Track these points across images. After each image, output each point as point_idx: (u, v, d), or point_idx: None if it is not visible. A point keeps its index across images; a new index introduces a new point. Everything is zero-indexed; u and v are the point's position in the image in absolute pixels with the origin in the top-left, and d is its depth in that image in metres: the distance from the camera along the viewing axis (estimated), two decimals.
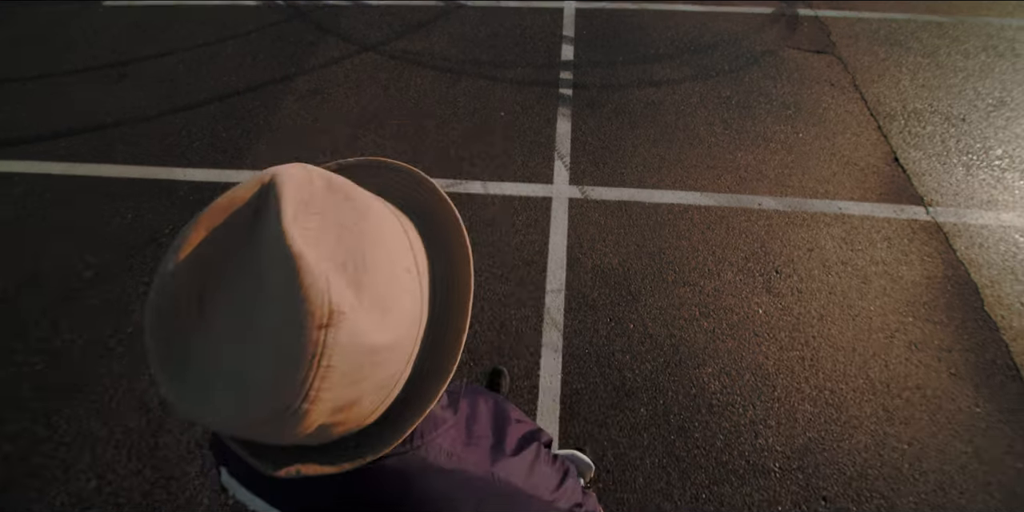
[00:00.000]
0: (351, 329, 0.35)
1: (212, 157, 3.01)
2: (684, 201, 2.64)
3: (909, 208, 2.61)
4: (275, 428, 0.36)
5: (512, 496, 0.51)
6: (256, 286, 0.34)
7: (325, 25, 4.02)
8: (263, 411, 0.34)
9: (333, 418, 0.38)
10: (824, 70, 3.43)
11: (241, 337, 0.34)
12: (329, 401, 0.36)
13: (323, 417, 0.37)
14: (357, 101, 3.32)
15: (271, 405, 0.34)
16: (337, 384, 0.35)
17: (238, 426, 0.35)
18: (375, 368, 0.38)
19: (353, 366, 0.36)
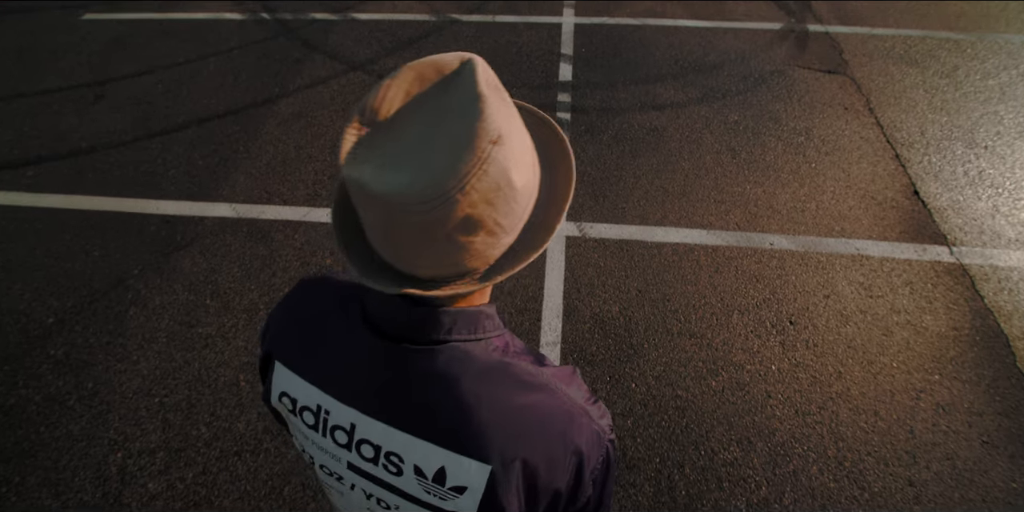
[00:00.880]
0: (505, 155, 0.43)
1: (186, 188, 2.84)
2: (689, 240, 2.46)
3: (932, 248, 2.43)
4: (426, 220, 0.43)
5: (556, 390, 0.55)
6: (445, 111, 0.43)
7: (312, 42, 3.84)
8: (425, 192, 0.41)
9: (465, 233, 0.45)
10: (837, 92, 3.25)
11: (426, 141, 0.43)
12: (471, 206, 0.43)
13: (459, 222, 0.44)
14: (342, 126, 3.13)
15: (433, 186, 0.41)
16: (482, 192, 0.43)
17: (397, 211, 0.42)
18: (506, 201, 0.46)
19: (495, 186, 0.43)
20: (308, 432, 0.60)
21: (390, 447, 0.55)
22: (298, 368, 0.59)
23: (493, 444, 0.51)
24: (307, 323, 0.60)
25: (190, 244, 2.57)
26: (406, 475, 0.55)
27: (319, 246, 2.51)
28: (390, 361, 0.54)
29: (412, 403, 0.53)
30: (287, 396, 0.60)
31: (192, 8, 4.33)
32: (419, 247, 0.46)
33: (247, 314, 2.28)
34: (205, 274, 2.44)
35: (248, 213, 2.68)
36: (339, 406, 0.56)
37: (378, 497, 0.60)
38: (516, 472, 0.51)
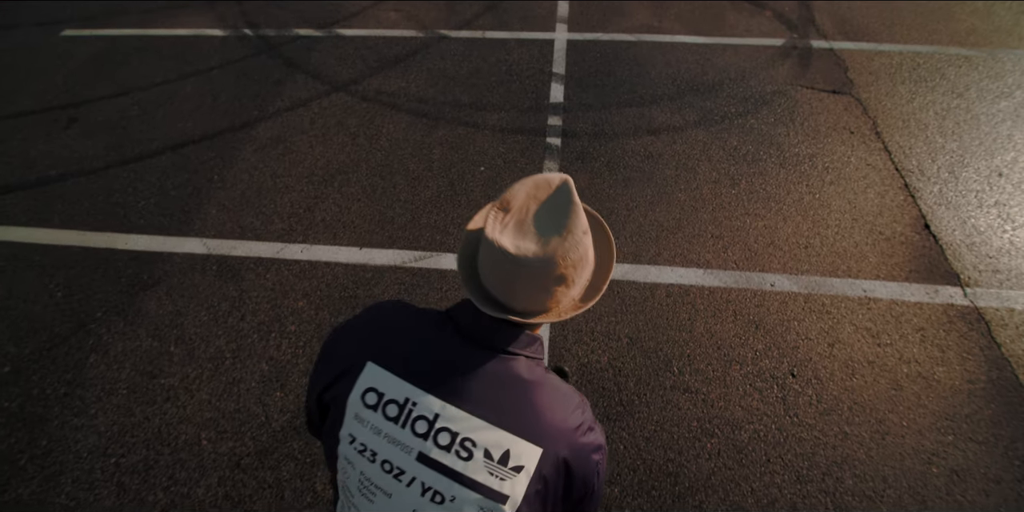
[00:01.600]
0: (587, 241, 0.73)
1: (157, 221, 2.70)
2: (685, 280, 2.31)
3: (944, 289, 2.27)
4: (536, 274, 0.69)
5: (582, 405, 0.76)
6: (554, 208, 0.71)
7: (294, 60, 3.70)
8: (542, 257, 0.68)
9: (556, 285, 0.72)
10: (842, 114, 3.09)
11: (543, 226, 0.70)
12: (564, 268, 0.70)
13: (555, 277, 0.70)
14: (323, 152, 3.00)
15: (548, 254, 0.68)
16: (572, 261, 0.71)
17: (521, 266, 0.68)
18: (583, 267, 0.74)
19: (579, 258, 0.72)
20: (385, 425, 0.71)
21: (466, 433, 0.69)
22: (391, 366, 0.73)
23: (545, 434, 0.69)
24: (400, 332, 0.76)
25: (157, 283, 2.43)
26: (475, 458, 0.68)
27: (291, 287, 2.37)
28: (477, 362, 0.72)
29: (489, 396, 0.70)
30: (374, 391, 0.72)
31: (173, 23, 4.20)
32: (525, 291, 0.71)
33: (212, 363, 2.14)
34: (171, 317, 2.30)
35: (219, 249, 2.55)
36: (426, 397, 0.70)
37: (436, 489, 0.69)
38: (556, 457, 0.69)
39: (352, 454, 0.74)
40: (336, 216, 2.65)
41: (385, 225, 2.60)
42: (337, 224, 2.61)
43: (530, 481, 0.68)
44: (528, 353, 0.76)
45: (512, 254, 0.68)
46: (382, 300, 0.88)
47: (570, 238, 0.70)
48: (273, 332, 2.23)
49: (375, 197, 2.73)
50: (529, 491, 0.69)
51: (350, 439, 0.74)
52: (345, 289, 2.35)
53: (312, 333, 2.21)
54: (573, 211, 0.70)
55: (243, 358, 2.15)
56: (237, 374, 2.11)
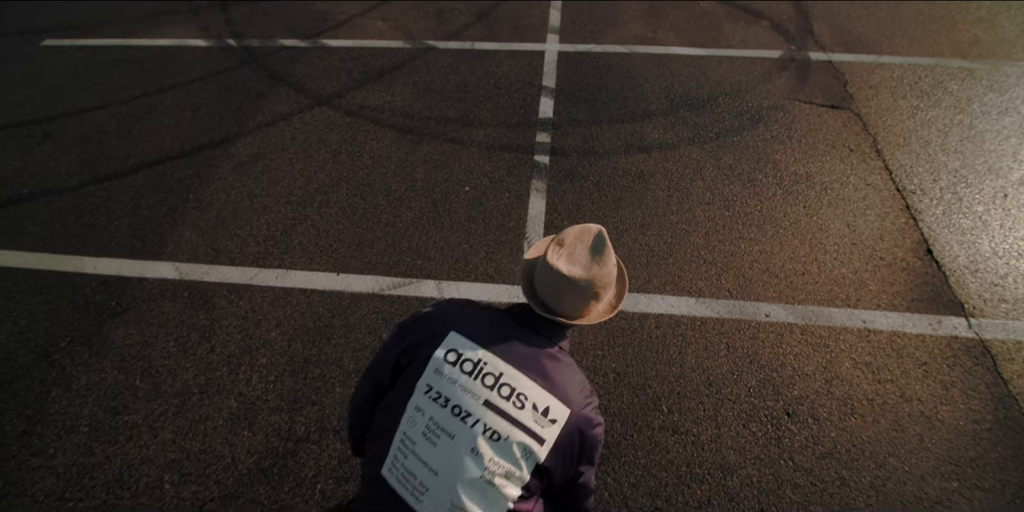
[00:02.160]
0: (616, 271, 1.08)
1: (128, 244, 2.60)
2: (676, 310, 2.21)
3: (947, 320, 2.16)
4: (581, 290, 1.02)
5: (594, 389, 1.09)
6: (596, 246, 1.03)
7: (278, 72, 3.60)
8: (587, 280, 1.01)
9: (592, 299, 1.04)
10: (840, 130, 2.98)
11: (590, 257, 1.02)
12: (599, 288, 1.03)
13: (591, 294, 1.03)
14: (302, 170, 2.89)
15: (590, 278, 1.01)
16: (606, 284, 1.04)
17: (570, 284, 1.01)
18: (610, 289, 1.07)
19: (610, 282, 1.05)
20: (460, 377, 0.97)
21: (521, 390, 0.96)
22: (471, 336, 1.01)
23: (571, 400, 0.99)
24: (475, 314, 1.08)
25: (126, 311, 2.33)
26: (526, 408, 0.95)
27: (264, 316, 2.26)
28: (531, 342, 1.04)
29: (537, 366, 1.00)
30: (454, 351, 1.00)
31: (156, 33, 4.10)
32: (570, 301, 1.04)
33: (179, 399, 2.04)
34: (138, 348, 2.20)
35: (191, 274, 2.45)
36: (495, 359, 0.99)
37: (495, 429, 0.94)
38: (576, 420, 0.98)
39: (426, 402, 0.98)
40: (314, 239, 2.54)
41: (364, 249, 2.49)
42: (314, 248, 2.51)
43: (559, 433, 0.96)
44: (563, 345, 1.10)
45: (566, 275, 1.01)
46: (454, 298, 1.20)
47: (605, 268, 1.04)
48: (243, 365, 2.12)
49: (355, 219, 2.63)
50: (558, 441, 0.97)
51: (426, 389, 0.99)
52: (320, 318, 2.24)
53: (284, 366, 2.10)
54: (607, 250, 1.05)
55: (211, 393, 2.05)
56: (204, 411, 2.01)
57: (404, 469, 0.98)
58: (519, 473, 0.94)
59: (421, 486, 0.96)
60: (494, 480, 0.93)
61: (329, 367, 2.09)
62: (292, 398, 2.02)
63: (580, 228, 1.06)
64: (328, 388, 2.03)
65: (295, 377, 2.07)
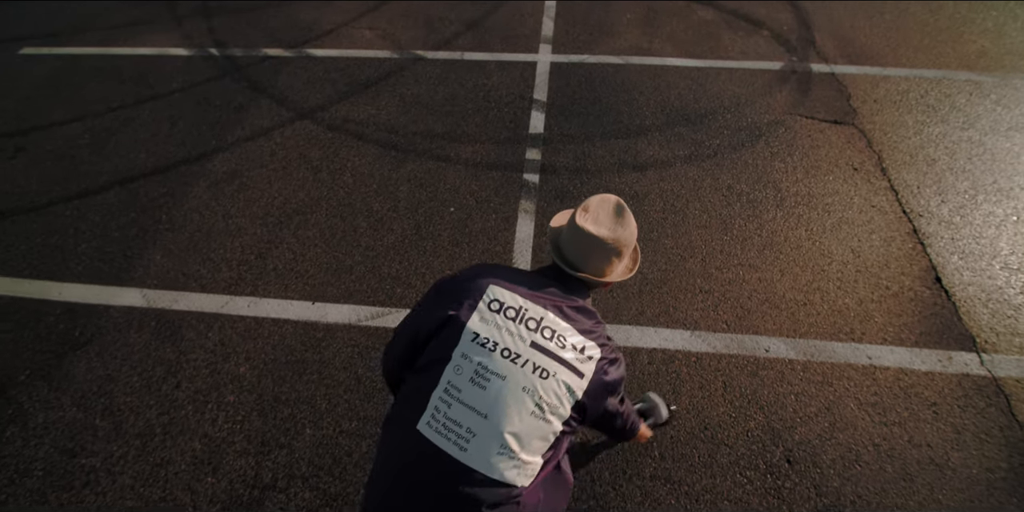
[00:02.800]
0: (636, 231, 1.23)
1: (96, 268, 2.47)
2: (670, 344, 2.08)
3: (958, 356, 2.04)
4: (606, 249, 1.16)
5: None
6: (617, 213, 1.19)
7: (260, 83, 3.47)
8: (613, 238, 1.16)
9: (616, 256, 1.19)
10: (844, 148, 2.86)
11: (614, 220, 1.18)
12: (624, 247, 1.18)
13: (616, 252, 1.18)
14: (281, 189, 2.77)
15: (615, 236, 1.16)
16: (628, 242, 1.19)
17: (597, 243, 1.15)
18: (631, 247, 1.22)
19: (632, 240, 1.21)
20: (505, 322, 1.07)
21: (560, 332, 1.08)
22: (510, 288, 1.12)
23: (602, 342, 1.12)
24: (508, 271, 1.20)
25: (89, 342, 2.20)
26: (567, 347, 1.07)
27: (234, 349, 2.13)
28: (563, 294, 1.16)
29: (570, 313, 1.12)
30: (497, 301, 1.09)
31: (138, 42, 3.97)
32: (596, 260, 1.17)
33: (140, 440, 1.91)
34: (100, 383, 2.07)
35: (160, 301, 2.32)
36: (535, 306, 1.10)
37: (543, 367, 1.04)
38: (606, 357, 1.11)
39: (473, 349, 1.03)
40: (289, 264, 2.42)
41: (342, 275, 2.36)
42: (290, 274, 2.38)
43: (595, 369, 1.08)
44: (586, 300, 1.20)
45: (595, 235, 1.14)
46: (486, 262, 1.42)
47: (628, 228, 1.18)
48: (210, 403, 2.00)
49: (333, 242, 2.50)
50: (594, 377, 1.07)
51: (473, 336, 1.04)
52: (292, 352, 2.12)
53: (252, 405, 1.98)
54: (627, 214, 1.19)
55: (174, 434, 1.92)
56: (166, 454, 1.88)
57: (447, 419, 1.00)
58: (562, 409, 1.03)
59: (468, 433, 0.98)
60: (543, 415, 1.01)
61: (300, 407, 1.96)
62: (260, 441, 1.89)
63: (601, 197, 1.20)
64: (298, 430, 1.91)
65: (264, 417, 1.95)
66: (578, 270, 1.18)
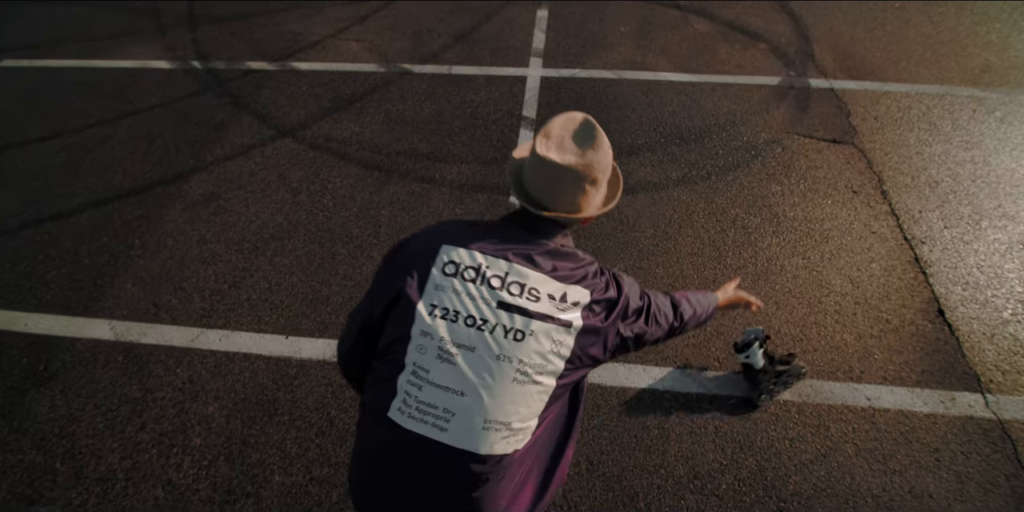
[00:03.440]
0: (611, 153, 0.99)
1: (64, 297, 2.38)
2: (659, 384, 1.98)
3: (962, 396, 1.94)
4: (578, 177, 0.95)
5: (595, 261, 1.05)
6: (585, 132, 0.97)
7: (241, 99, 3.38)
8: (584, 163, 0.93)
9: (590, 185, 0.97)
10: (843, 169, 2.76)
11: (580, 145, 0.95)
12: (598, 172, 0.97)
13: (591, 179, 0.96)
14: (258, 212, 2.67)
15: (586, 160, 0.93)
16: (603, 165, 0.97)
17: (566, 172, 0.94)
18: (607, 172, 1.00)
19: (607, 164, 0.98)
20: (465, 286, 0.92)
21: (532, 284, 0.93)
22: (463, 244, 0.96)
23: (590, 281, 0.97)
24: (464, 225, 1.03)
25: (54, 378, 2.11)
26: (542, 300, 0.92)
27: (203, 386, 2.04)
28: (530, 240, 0.99)
29: (543, 261, 0.96)
30: (452, 263, 0.94)
31: (119, 54, 3.88)
32: (567, 193, 0.97)
33: (101, 487, 1.82)
34: (62, 424, 1.98)
35: (128, 334, 2.22)
36: (497, 260, 0.95)
37: (516, 328, 0.90)
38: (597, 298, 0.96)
39: (432, 325, 0.91)
40: (264, 294, 2.32)
41: (318, 306, 2.27)
42: (264, 305, 2.29)
43: (583, 312, 0.94)
44: (563, 242, 1.03)
45: (560, 163, 0.94)
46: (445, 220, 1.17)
47: (600, 150, 0.97)
48: (176, 446, 1.90)
49: (310, 270, 2.40)
50: (586, 318, 0.94)
51: (430, 309, 0.91)
52: (263, 391, 2.02)
53: (219, 448, 1.88)
54: (599, 133, 0.98)
55: (137, 480, 1.83)
56: (127, 501, 1.78)
57: (419, 403, 0.90)
58: (553, 366, 0.92)
59: (445, 413, 0.89)
60: (529, 379, 0.90)
61: (269, 451, 1.87)
62: (226, 488, 1.80)
63: (565, 117, 1.01)
64: (267, 477, 1.81)
65: (231, 462, 1.85)
66: (547, 209, 0.99)
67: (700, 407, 1.92)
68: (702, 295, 1.31)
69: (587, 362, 0.97)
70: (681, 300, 1.19)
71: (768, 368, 1.87)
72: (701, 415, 1.90)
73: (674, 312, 1.13)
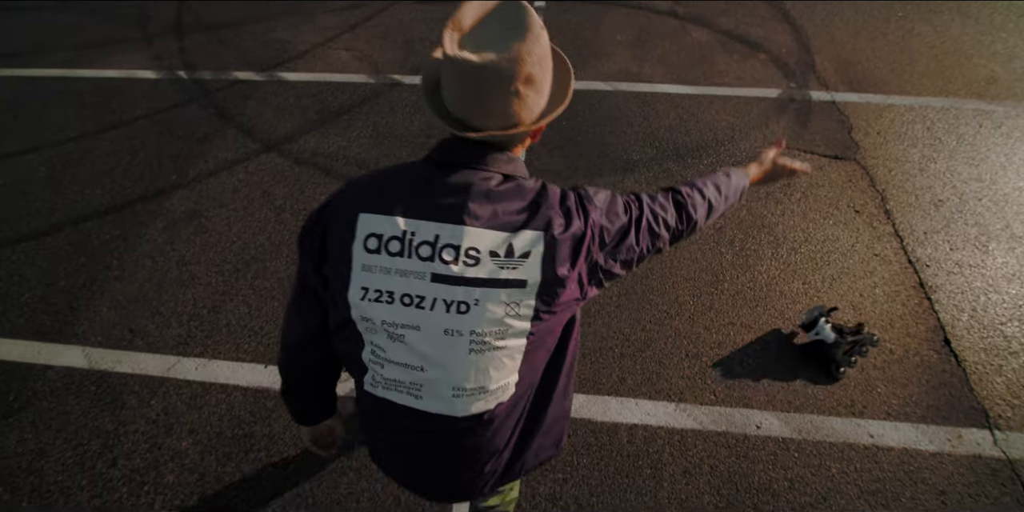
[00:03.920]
0: (546, 37, 0.77)
1: (38, 321, 2.29)
2: (653, 420, 1.90)
3: (969, 433, 1.85)
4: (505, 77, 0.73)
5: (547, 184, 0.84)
6: (505, 16, 0.76)
7: (227, 110, 3.29)
8: (508, 57, 0.71)
9: (525, 87, 0.75)
10: (845, 186, 2.67)
11: (500, 33, 0.74)
12: (531, 65, 0.74)
13: (524, 78, 0.74)
14: (240, 232, 2.59)
15: (512, 53, 0.71)
16: (536, 56, 0.74)
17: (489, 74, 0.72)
18: (547, 66, 0.78)
19: (543, 53, 0.76)
20: (392, 262, 0.78)
21: (468, 243, 0.77)
22: (381, 210, 0.79)
23: (535, 219, 0.78)
24: (380, 183, 0.83)
25: (24, 408, 2.03)
26: (483, 261, 0.77)
27: (177, 419, 1.96)
28: (461, 183, 0.79)
29: (478, 208, 0.78)
30: (373, 235, 0.78)
31: (104, 63, 3.79)
32: (496, 99, 0.76)
33: None
34: (30, 459, 1.89)
35: (102, 362, 2.14)
36: (422, 223, 0.78)
37: (458, 301, 0.78)
38: (556, 228, 0.78)
39: (369, 308, 0.80)
40: (243, 320, 2.24)
41: None
42: (243, 331, 2.20)
43: (543, 260, 0.78)
44: (507, 171, 0.82)
45: (477, 63, 0.72)
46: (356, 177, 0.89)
47: (530, 36, 0.74)
48: (147, 484, 1.82)
49: None
50: (545, 268, 0.78)
51: (362, 293, 0.80)
52: (240, 424, 1.94)
53: (192, 487, 1.80)
54: (526, 13, 0.76)
55: None
56: None
57: (387, 379, 0.86)
58: (516, 326, 0.80)
59: (413, 386, 0.85)
60: (490, 346, 0.81)
61: (244, 491, 1.78)
62: None
63: (475, 2, 0.79)
64: None
65: (205, 503, 1.77)
66: (476, 128, 0.79)
67: (695, 445, 1.83)
68: (727, 175, 1.07)
69: (562, 309, 0.83)
70: (691, 194, 0.97)
71: (840, 340, 1.93)
72: (696, 453, 1.81)
73: (679, 213, 0.93)
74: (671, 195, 0.95)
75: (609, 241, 0.83)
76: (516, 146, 0.87)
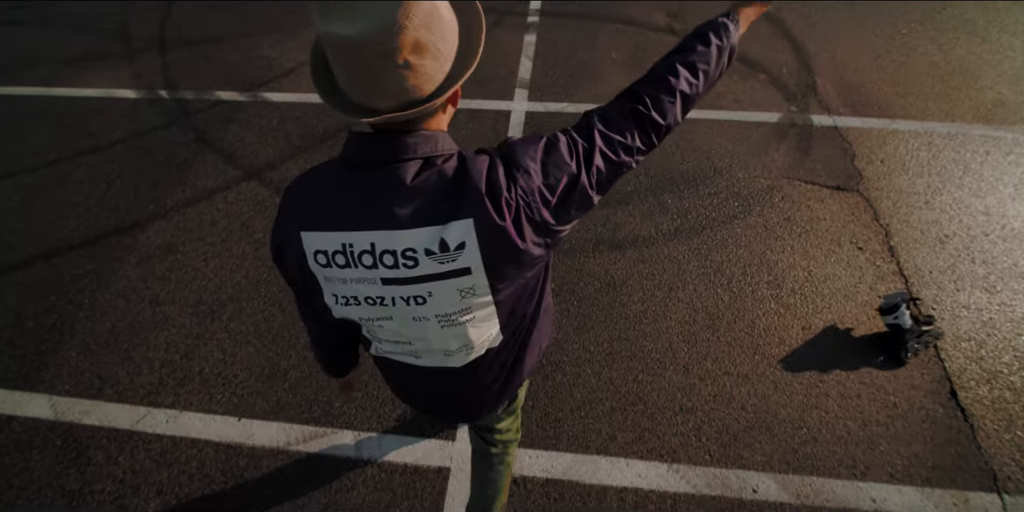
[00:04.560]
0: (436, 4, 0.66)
1: (3, 367, 2.19)
2: (643, 482, 1.80)
3: (976, 497, 1.75)
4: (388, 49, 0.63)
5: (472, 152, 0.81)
6: None
7: (208, 134, 3.18)
8: (384, 24, 0.61)
9: (417, 56, 0.66)
10: (847, 220, 2.56)
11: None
12: (415, 30, 0.63)
13: (412, 46, 0.64)
14: (217, 268, 2.48)
15: (388, 19, 0.61)
16: (421, 18, 0.63)
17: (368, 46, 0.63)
18: (440, 28, 0.67)
19: (429, 12, 0.64)
20: (344, 273, 0.79)
21: (403, 246, 0.75)
22: (317, 226, 0.78)
23: (462, 207, 0.73)
24: (309, 196, 0.80)
25: None
26: (422, 261, 0.76)
27: (145, 478, 1.86)
28: (378, 185, 0.74)
29: (402, 208, 0.73)
30: (320, 252, 0.79)
31: (84, 81, 3.68)
32: (384, 75, 0.66)
33: None
34: None
35: (69, 413, 2.05)
36: (357, 235, 0.76)
37: (413, 295, 0.80)
38: (487, 210, 0.73)
39: (344, 310, 0.87)
40: (217, 366, 2.14)
41: (274, 382, 2.08)
42: (216, 379, 2.10)
43: (480, 246, 0.75)
44: (425, 152, 0.75)
45: (351, 36, 0.63)
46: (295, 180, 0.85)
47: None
48: None
49: (268, 338, 2.22)
50: (485, 252, 0.76)
51: (334, 299, 0.85)
52: (210, 483, 1.84)
53: None
54: None
55: None
56: None
57: (387, 349, 0.96)
58: (477, 302, 0.83)
59: (410, 352, 0.95)
60: (458, 320, 0.86)
61: None
62: None
63: None
64: None
65: None
66: (374, 111, 0.70)
67: (688, 510, 1.74)
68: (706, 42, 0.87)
69: (522, 274, 0.83)
70: (655, 95, 0.83)
71: (914, 327, 2.02)
72: None
73: (641, 126, 0.82)
74: (628, 106, 0.83)
75: (555, 197, 0.77)
76: (431, 119, 0.77)
